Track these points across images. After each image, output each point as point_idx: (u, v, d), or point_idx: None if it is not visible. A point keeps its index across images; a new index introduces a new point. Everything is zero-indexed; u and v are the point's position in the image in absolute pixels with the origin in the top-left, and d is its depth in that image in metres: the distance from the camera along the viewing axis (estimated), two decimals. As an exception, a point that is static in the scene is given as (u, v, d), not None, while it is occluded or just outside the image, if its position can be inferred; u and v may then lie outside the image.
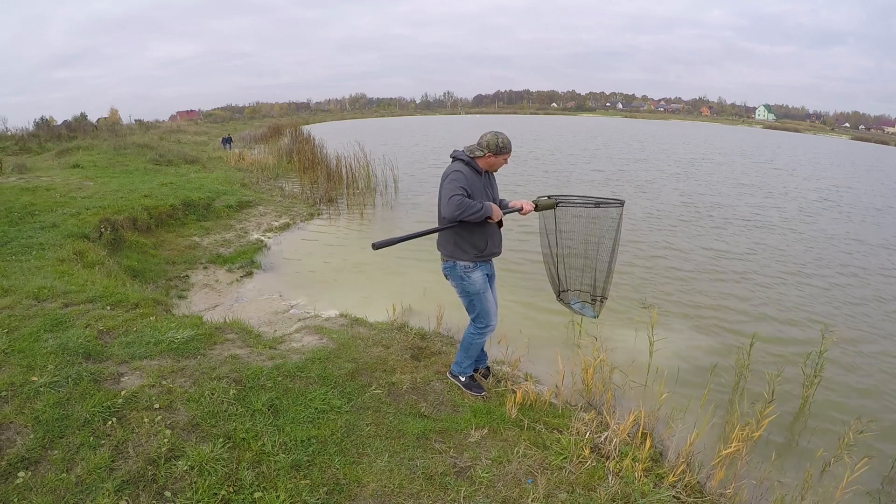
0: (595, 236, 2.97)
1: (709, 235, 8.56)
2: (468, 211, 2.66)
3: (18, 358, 2.92)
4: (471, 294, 2.96)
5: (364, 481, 2.34)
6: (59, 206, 7.55)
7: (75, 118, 37.64)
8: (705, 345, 4.59)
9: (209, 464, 2.25)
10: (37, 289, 4.06)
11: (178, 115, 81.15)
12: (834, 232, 9.19)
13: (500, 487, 2.40)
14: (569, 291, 3.18)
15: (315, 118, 69.11)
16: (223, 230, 8.02)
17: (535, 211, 2.95)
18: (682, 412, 3.19)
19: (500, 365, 3.85)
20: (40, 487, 2.05)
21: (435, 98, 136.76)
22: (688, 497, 2.55)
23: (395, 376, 3.31)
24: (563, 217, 3.02)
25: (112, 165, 13.40)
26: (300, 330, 4.14)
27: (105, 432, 2.38)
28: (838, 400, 3.81)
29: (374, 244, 2.65)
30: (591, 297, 3.11)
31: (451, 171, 2.79)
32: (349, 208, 10.16)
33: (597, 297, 3.09)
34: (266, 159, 16.36)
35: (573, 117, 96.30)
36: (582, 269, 3.07)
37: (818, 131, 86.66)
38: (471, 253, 2.86)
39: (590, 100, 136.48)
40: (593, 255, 3.01)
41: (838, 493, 2.59)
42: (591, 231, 2.98)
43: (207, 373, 2.98)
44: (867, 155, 35.66)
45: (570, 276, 3.14)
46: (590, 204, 2.93)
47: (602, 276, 3.03)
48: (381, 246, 2.63)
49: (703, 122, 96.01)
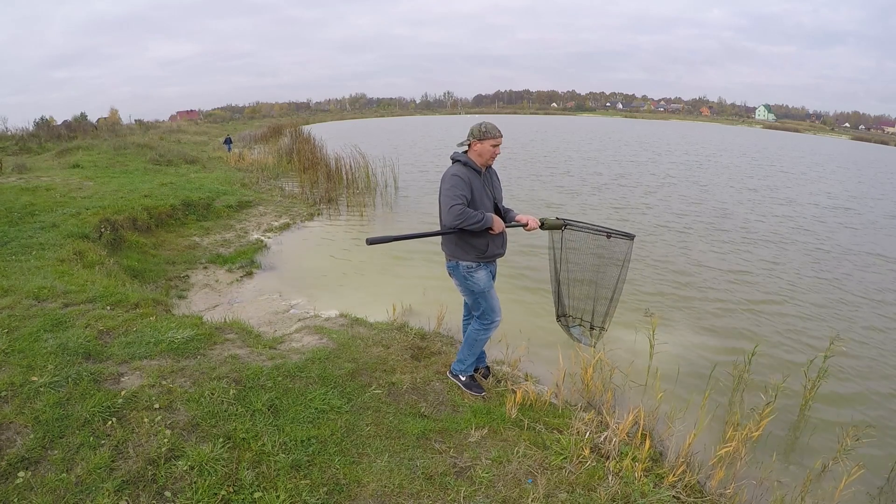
0: (602, 265, 2.88)
1: (715, 237, 8.56)
2: (468, 221, 2.65)
3: (18, 358, 2.91)
4: (475, 293, 2.96)
5: (364, 481, 2.34)
6: (59, 206, 7.54)
7: (75, 118, 37.73)
8: (706, 346, 4.59)
9: (209, 464, 2.25)
10: (37, 289, 4.06)
11: (177, 115, 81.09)
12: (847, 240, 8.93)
13: (500, 487, 2.40)
14: (568, 316, 3.09)
15: (315, 118, 69.13)
16: (223, 230, 8.02)
17: (540, 229, 2.90)
18: (681, 412, 3.19)
19: (500, 365, 3.85)
20: (40, 487, 2.05)
21: (435, 98, 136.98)
22: (688, 497, 2.55)
23: (395, 376, 3.31)
24: (571, 240, 2.93)
25: (112, 165, 13.40)
26: (300, 330, 4.14)
27: (105, 432, 2.38)
28: (840, 400, 3.81)
29: (368, 239, 2.66)
30: (590, 326, 3.03)
31: (449, 175, 2.76)
32: (349, 208, 10.16)
33: (595, 326, 3.00)
34: (266, 159, 16.37)
35: (573, 117, 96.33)
36: (584, 297, 2.97)
37: (818, 131, 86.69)
38: (473, 254, 2.85)
39: (590, 100, 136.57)
40: (597, 283, 2.91)
41: (837, 493, 2.59)
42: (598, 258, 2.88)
43: (207, 373, 2.98)
44: (869, 156, 35.64)
45: (572, 303, 3.04)
46: (600, 233, 2.84)
47: (603, 307, 2.94)
48: (375, 242, 2.64)
49: (702, 122, 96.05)
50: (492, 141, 2.78)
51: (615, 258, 2.85)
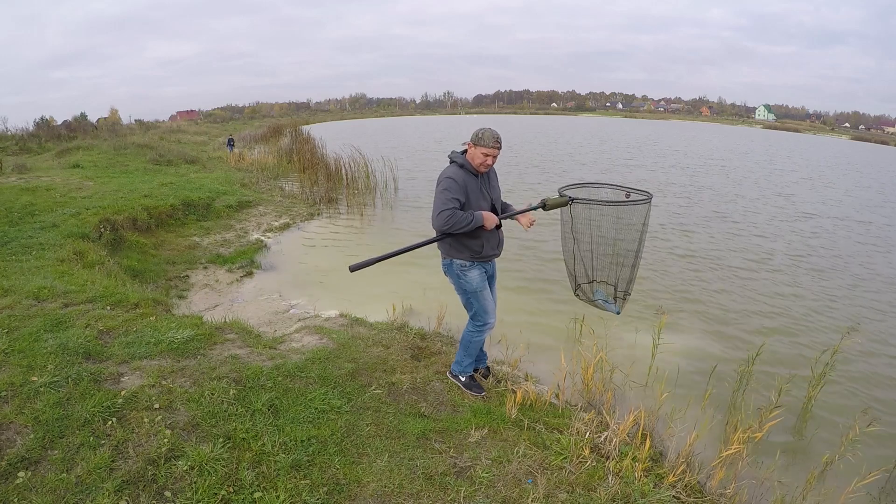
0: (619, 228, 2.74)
1: (721, 239, 8.56)
2: (458, 225, 2.62)
3: (18, 358, 2.91)
4: (468, 292, 2.95)
5: (364, 481, 2.34)
6: (59, 206, 7.54)
7: (75, 118, 37.75)
8: (707, 346, 4.59)
9: (209, 464, 2.25)
10: (37, 289, 4.06)
11: (177, 115, 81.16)
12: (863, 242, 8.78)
13: (500, 487, 2.40)
14: (594, 283, 2.96)
15: (315, 118, 69.07)
16: (223, 230, 8.02)
17: (544, 210, 2.79)
18: (682, 412, 3.19)
19: (500, 365, 3.85)
20: (40, 487, 2.05)
21: (435, 98, 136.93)
22: (688, 497, 2.55)
23: (395, 376, 3.31)
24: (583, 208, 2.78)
25: (112, 165, 13.39)
26: (300, 330, 4.14)
27: (105, 432, 2.38)
28: (842, 402, 3.81)
29: (351, 266, 2.64)
30: (614, 293, 2.90)
31: (443, 178, 2.72)
32: (349, 208, 10.16)
33: (620, 292, 2.89)
34: (266, 159, 16.36)
35: (573, 117, 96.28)
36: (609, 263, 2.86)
37: (818, 131, 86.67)
38: (467, 253, 2.84)
39: (590, 100, 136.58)
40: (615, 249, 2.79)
41: (842, 497, 2.58)
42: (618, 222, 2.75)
43: (207, 373, 2.98)
44: (872, 157, 35.56)
45: (592, 273, 2.93)
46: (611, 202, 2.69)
47: (626, 272, 2.84)
48: (358, 268, 2.62)
49: (703, 122, 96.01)
50: (483, 149, 2.71)
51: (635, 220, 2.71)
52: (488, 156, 2.73)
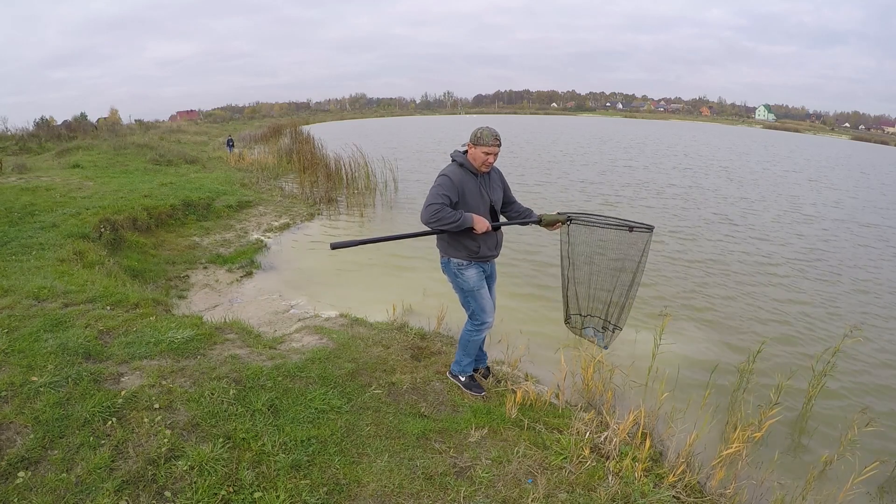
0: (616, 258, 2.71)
1: (722, 238, 8.56)
2: (443, 221, 2.59)
3: (18, 358, 2.91)
4: (465, 291, 2.94)
5: (364, 481, 2.34)
6: (59, 206, 7.54)
7: (75, 118, 37.74)
8: (707, 347, 4.58)
9: (209, 464, 2.25)
10: (37, 289, 4.06)
11: (177, 115, 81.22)
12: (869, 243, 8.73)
13: (500, 487, 2.40)
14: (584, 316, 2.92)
15: (315, 118, 69.11)
16: (223, 230, 8.02)
17: (538, 225, 2.83)
18: (682, 412, 3.19)
19: (500, 365, 3.85)
20: (40, 487, 2.05)
21: (435, 98, 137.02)
22: (688, 497, 2.55)
23: (395, 376, 3.31)
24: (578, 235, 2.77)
25: (112, 165, 13.39)
26: (300, 330, 4.14)
27: (105, 432, 2.38)
28: (842, 402, 3.81)
29: (332, 244, 2.65)
30: (603, 325, 2.86)
31: (439, 174, 2.73)
32: (349, 208, 10.16)
33: (610, 324, 2.83)
34: (266, 159, 16.37)
35: (573, 117, 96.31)
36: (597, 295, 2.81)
37: (818, 131, 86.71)
38: (464, 253, 2.83)
39: (590, 100, 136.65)
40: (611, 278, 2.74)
41: (841, 495, 2.59)
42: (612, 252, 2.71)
43: (207, 373, 2.98)
44: (873, 157, 35.56)
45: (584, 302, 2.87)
46: (611, 225, 2.65)
47: (619, 303, 2.76)
48: (339, 246, 2.63)
49: (703, 122, 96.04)
50: (483, 148, 2.71)
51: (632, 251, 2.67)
52: (489, 154, 2.73)
